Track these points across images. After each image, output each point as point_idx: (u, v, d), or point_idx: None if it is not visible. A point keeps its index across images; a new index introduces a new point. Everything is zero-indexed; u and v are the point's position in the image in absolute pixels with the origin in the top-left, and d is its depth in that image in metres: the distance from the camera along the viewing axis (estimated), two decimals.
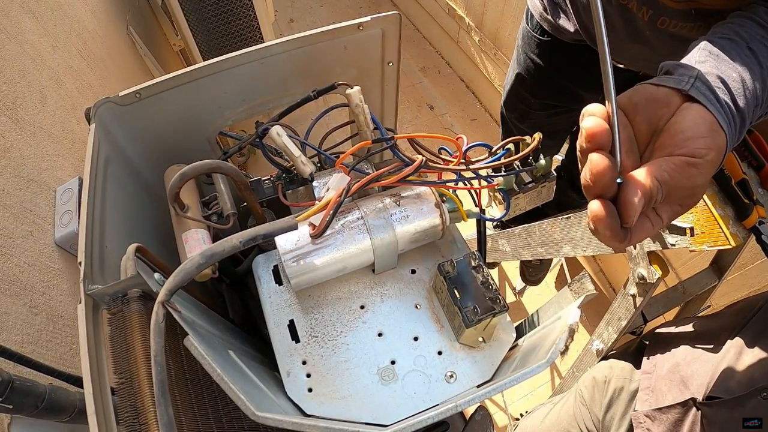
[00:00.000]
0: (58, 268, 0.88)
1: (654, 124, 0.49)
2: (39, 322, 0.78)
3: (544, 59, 1.42)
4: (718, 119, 0.47)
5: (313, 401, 0.59)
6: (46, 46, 1.12)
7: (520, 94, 1.62)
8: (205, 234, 0.71)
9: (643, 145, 0.50)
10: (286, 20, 3.63)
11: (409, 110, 2.97)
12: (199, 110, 0.84)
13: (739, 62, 0.53)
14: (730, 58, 0.53)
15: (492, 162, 0.68)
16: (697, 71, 0.50)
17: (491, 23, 2.49)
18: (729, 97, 0.50)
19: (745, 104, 0.51)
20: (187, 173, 0.63)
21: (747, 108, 0.51)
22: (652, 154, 0.48)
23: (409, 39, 3.43)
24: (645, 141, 0.50)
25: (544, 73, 1.45)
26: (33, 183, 0.88)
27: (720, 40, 0.55)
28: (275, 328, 0.65)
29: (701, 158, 0.45)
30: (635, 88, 0.51)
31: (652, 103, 0.49)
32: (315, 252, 0.63)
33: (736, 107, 0.50)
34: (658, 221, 0.47)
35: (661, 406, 0.87)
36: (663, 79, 0.50)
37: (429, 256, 0.72)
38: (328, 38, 0.83)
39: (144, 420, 0.50)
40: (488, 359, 0.63)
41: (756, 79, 0.52)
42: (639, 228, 0.46)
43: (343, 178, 0.64)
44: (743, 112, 0.51)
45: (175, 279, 0.49)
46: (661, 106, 0.49)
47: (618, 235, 0.45)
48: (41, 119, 0.98)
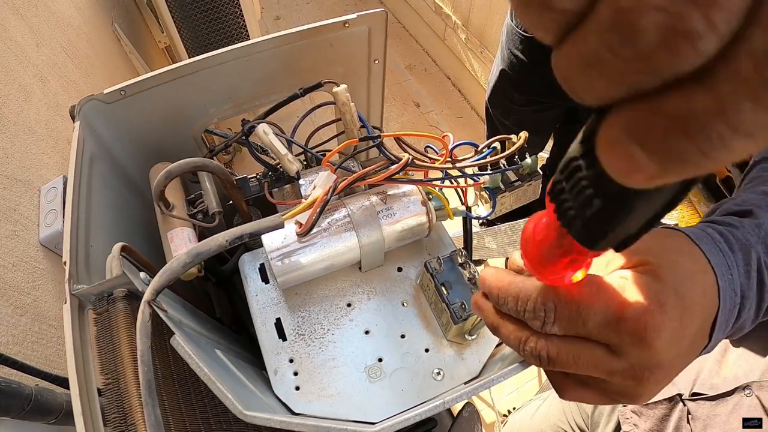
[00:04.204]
0: (43, 268, 0.87)
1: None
2: (24, 323, 0.77)
3: (527, 55, 1.43)
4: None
5: (300, 399, 0.59)
6: (30, 43, 1.11)
7: (504, 89, 1.63)
8: (190, 232, 0.71)
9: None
10: (272, 17, 3.61)
11: (395, 108, 2.97)
12: (184, 108, 0.83)
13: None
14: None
15: (478, 160, 0.69)
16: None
17: (478, 21, 2.50)
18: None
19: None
20: (173, 171, 0.63)
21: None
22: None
23: (396, 36, 3.43)
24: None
25: (527, 68, 1.46)
26: (17, 182, 0.87)
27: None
28: (262, 327, 0.65)
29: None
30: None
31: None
32: (301, 250, 0.63)
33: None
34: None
35: (648, 402, 0.88)
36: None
37: (416, 254, 0.73)
38: (314, 36, 0.83)
39: (131, 420, 0.50)
40: (475, 356, 0.64)
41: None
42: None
43: (329, 177, 0.64)
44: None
45: (161, 278, 0.49)
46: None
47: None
48: (25, 117, 0.97)
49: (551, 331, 0.35)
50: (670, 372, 0.36)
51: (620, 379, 0.35)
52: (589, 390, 0.40)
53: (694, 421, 0.80)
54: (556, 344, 0.36)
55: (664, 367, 0.35)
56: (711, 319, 0.39)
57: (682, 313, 0.34)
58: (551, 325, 0.35)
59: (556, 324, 0.35)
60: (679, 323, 0.34)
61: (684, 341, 0.35)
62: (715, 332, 0.39)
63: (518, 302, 0.36)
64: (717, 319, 0.38)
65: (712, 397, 0.79)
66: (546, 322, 0.35)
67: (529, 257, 0.34)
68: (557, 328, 0.35)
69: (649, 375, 0.34)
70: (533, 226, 0.34)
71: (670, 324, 0.33)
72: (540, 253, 0.32)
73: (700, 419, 0.79)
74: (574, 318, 0.34)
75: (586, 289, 0.34)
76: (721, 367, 0.83)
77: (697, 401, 0.81)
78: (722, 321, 0.39)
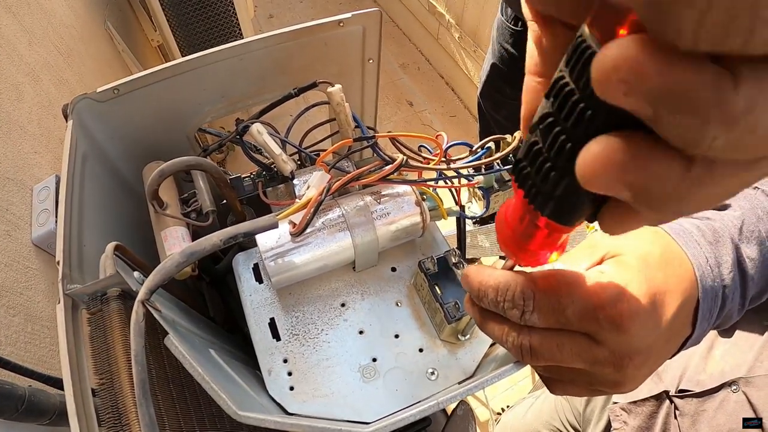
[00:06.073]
0: (35, 268, 0.87)
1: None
2: (17, 324, 0.77)
3: (518, 48, 1.46)
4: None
5: (294, 399, 0.60)
6: (22, 41, 1.10)
7: (495, 83, 1.66)
8: (184, 231, 0.71)
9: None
10: (265, 16, 3.61)
11: (388, 106, 2.98)
12: (178, 106, 0.83)
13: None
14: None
15: (472, 161, 0.69)
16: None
17: (471, 20, 2.50)
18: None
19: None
20: (166, 170, 0.63)
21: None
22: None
23: (390, 36, 3.43)
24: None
25: (518, 62, 1.49)
26: (9, 181, 0.87)
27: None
28: (256, 327, 0.65)
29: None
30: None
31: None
32: (295, 250, 0.63)
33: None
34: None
35: (636, 399, 0.89)
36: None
37: (409, 254, 0.73)
38: (308, 35, 0.83)
39: (126, 420, 0.50)
40: (469, 355, 0.64)
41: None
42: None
43: (323, 177, 0.65)
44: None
45: (155, 278, 0.49)
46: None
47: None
48: (17, 116, 0.97)
49: (531, 321, 0.36)
50: (648, 358, 0.37)
51: (602, 368, 0.36)
52: (574, 382, 0.41)
53: (682, 417, 0.81)
54: (539, 335, 0.36)
55: (642, 352, 0.36)
56: (691, 308, 0.40)
57: (656, 300, 0.35)
58: (530, 313, 0.35)
59: (536, 312, 0.35)
60: (652, 308, 0.35)
61: (660, 327, 0.36)
62: (698, 322, 0.40)
63: (498, 293, 0.37)
64: (699, 308, 0.40)
65: (698, 394, 0.80)
66: (525, 311, 0.36)
67: (505, 241, 0.35)
68: (537, 318, 0.35)
69: (628, 361, 0.35)
70: (505, 210, 0.34)
71: (644, 309, 0.34)
72: (514, 234, 0.33)
73: (687, 415, 0.80)
74: (553, 307, 0.35)
75: (564, 279, 0.35)
76: (707, 363, 0.83)
77: (684, 398, 0.81)
78: (705, 310, 0.40)
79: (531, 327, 0.37)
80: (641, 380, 0.39)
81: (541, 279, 0.36)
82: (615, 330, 0.33)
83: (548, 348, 0.36)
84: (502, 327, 0.38)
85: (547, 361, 0.37)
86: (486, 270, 0.39)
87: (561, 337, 0.36)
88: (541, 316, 0.35)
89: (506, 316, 0.38)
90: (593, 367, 0.36)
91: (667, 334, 0.37)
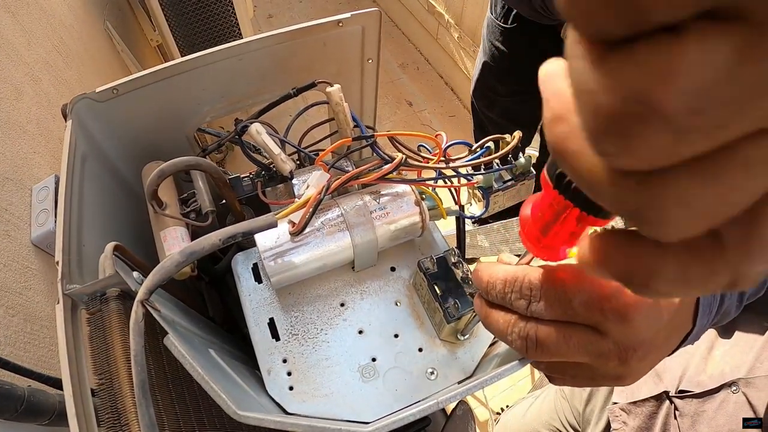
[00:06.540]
0: (34, 268, 0.87)
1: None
2: (16, 324, 0.77)
3: (508, 46, 1.48)
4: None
5: (294, 399, 0.59)
6: (22, 41, 1.10)
7: (487, 81, 1.67)
8: (183, 231, 0.71)
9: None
10: (264, 16, 3.60)
11: (387, 106, 2.98)
12: (177, 106, 0.83)
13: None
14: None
15: (472, 161, 0.69)
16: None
17: (470, 20, 2.50)
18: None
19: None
20: (166, 170, 0.63)
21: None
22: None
23: (389, 35, 3.43)
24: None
25: (508, 59, 1.51)
26: (8, 181, 0.87)
27: None
28: (255, 326, 0.65)
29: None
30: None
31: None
32: (295, 250, 0.63)
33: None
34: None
35: (636, 400, 0.89)
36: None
37: (409, 254, 0.73)
38: (307, 35, 0.83)
39: (125, 421, 0.50)
40: (469, 355, 0.64)
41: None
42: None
43: (322, 176, 0.64)
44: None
45: (155, 277, 0.49)
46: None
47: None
48: (16, 116, 0.97)
49: (537, 312, 0.36)
50: (650, 351, 0.37)
51: (606, 361, 0.36)
52: (576, 377, 0.41)
53: (682, 417, 0.81)
54: (545, 326, 0.36)
55: (645, 344, 0.36)
56: (692, 304, 0.41)
57: None
58: (537, 303, 0.36)
59: (542, 302, 0.36)
60: (655, 301, 0.35)
61: (661, 319, 0.36)
62: (698, 317, 0.41)
63: (506, 284, 0.37)
64: (698, 304, 0.40)
65: (698, 394, 0.80)
66: (532, 301, 0.36)
67: (528, 235, 0.35)
68: (543, 308, 0.36)
69: (632, 353, 0.35)
70: (531, 206, 0.35)
71: (647, 302, 0.34)
72: (539, 229, 0.34)
73: (687, 416, 0.80)
74: (559, 297, 0.35)
75: (571, 271, 0.35)
76: (708, 364, 0.83)
77: (684, 398, 0.81)
78: (705, 305, 0.41)
79: (537, 318, 0.37)
80: (642, 374, 0.39)
81: (548, 271, 0.36)
82: (620, 321, 0.34)
83: (554, 340, 0.36)
84: (507, 319, 0.39)
85: (552, 354, 0.37)
86: (497, 265, 0.40)
87: (570, 328, 0.36)
88: (548, 306, 0.35)
89: (512, 308, 0.38)
90: (597, 360, 0.36)
91: (668, 329, 0.38)
